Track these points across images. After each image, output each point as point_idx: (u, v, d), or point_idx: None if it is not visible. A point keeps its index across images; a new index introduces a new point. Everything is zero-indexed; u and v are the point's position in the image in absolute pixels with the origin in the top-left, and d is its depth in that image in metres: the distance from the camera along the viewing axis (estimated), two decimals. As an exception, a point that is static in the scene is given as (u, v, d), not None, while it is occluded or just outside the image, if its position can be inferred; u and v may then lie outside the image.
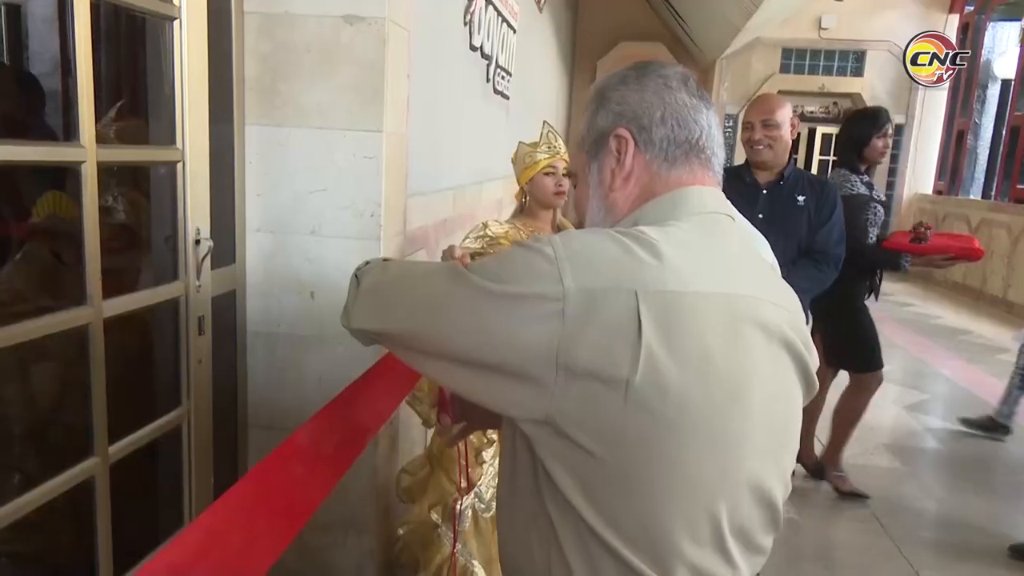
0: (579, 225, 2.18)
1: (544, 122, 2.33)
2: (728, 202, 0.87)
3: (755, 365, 0.76)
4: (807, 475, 3.30)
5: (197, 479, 1.77)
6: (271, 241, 2.02)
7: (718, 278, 0.76)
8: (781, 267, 1.57)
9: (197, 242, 1.68)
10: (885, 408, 4.36)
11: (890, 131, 2.95)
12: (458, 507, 2.02)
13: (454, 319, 0.77)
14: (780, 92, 10.57)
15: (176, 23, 1.57)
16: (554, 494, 0.74)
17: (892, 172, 10.38)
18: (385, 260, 1.02)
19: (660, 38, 10.69)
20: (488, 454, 2.09)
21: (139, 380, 1.75)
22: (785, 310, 0.81)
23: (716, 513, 0.74)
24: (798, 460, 3.28)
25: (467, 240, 2.16)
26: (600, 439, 0.71)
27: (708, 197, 0.85)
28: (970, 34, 9.64)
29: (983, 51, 9.28)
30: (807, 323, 2.50)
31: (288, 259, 2.02)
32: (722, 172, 0.88)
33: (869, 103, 10.27)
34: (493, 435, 2.06)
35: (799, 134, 10.70)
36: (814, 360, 0.84)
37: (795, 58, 10.43)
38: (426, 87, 2.64)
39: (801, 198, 2.48)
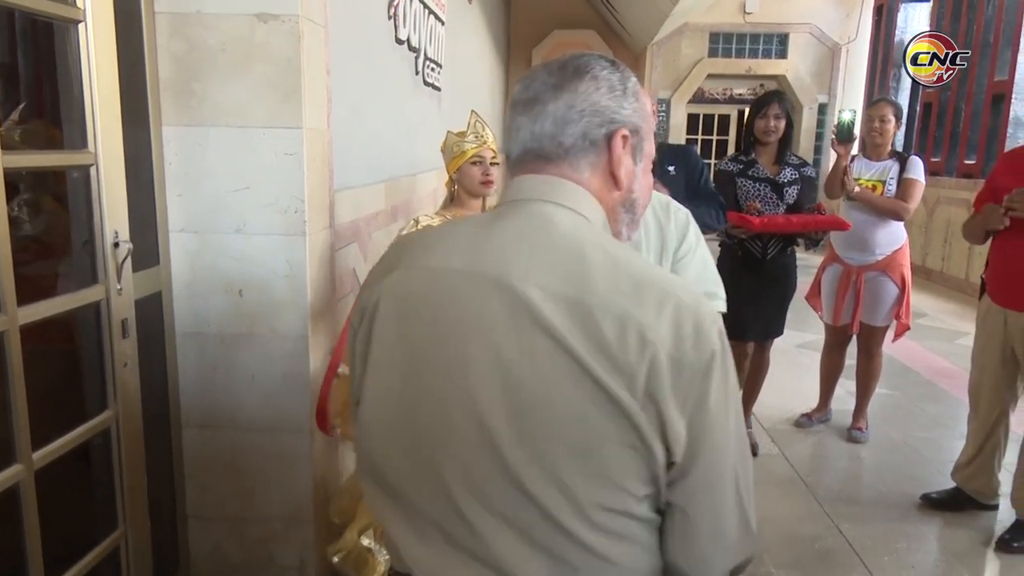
0: None
1: (472, 111, 2.37)
2: (523, 186, 0.88)
3: (483, 337, 0.80)
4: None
5: (129, 481, 1.77)
6: (195, 241, 2.02)
7: (461, 257, 0.85)
8: None
9: (116, 245, 1.68)
10: (813, 375, 4.57)
11: (773, 112, 3.11)
12: None
13: None
14: (709, 75, 10.84)
15: (81, 26, 1.56)
16: None
17: (817, 150, 10.77)
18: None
19: (593, 25, 10.82)
20: None
21: (63, 386, 1.74)
22: (532, 286, 0.79)
23: (443, 472, 0.83)
24: None
25: (402, 234, 2.19)
26: None
27: (525, 184, 0.89)
28: (884, 15, 10.04)
29: (896, 31, 9.68)
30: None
31: (214, 258, 2.03)
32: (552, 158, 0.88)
33: (793, 84, 10.63)
34: None
35: (728, 116, 11.01)
36: (594, 342, 0.77)
37: (722, 42, 10.69)
38: (350, 82, 2.65)
39: (671, 167, 2.77)
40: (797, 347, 5.25)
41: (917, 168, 3.38)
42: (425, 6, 4.02)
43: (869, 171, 3.42)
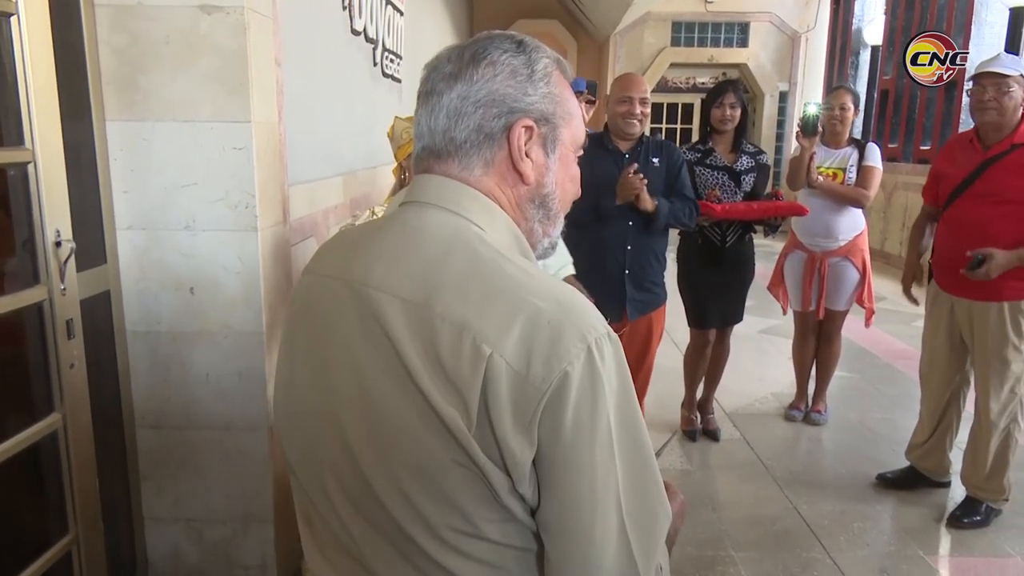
0: None
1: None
2: (416, 186, 0.83)
3: (342, 342, 0.78)
4: (703, 431, 3.49)
5: (80, 484, 1.74)
6: (144, 238, 1.99)
7: (336, 264, 0.83)
8: None
9: (58, 244, 1.64)
10: (777, 360, 4.66)
11: (728, 101, 3.15)
12: None
13: None
14: (672, 64, 10.91)
15: (14, 19, 1.52)
16: None
17: (780, 137, 10.90)
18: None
19: (556, 15, 10.82)
20: None
21: (7, 389, 1.70)
22: (383, 293, 0.76)
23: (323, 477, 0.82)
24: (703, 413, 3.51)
25: (353, 220, 2.16)
26: None
27: (416, 186, 0.84)
28: (841, 4, 10.18)
29: (854, 19, 9.83)
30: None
31: (163, 256, 1.99)
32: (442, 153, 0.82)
33: (755, 72, 10.74)
34: None
35: (692, 104, 11.09)
36: (426, 352, 0.72)
37: (684, 31, 10.75)
38: (303, 74, 2.62)
39: (656, 159, 2.78)
40: (760, 333, 5.33)
41: (875, 155, 3.45)
42: (382, -4, 3.98)
43: (829, 159, 3.47)
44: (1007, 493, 2.70)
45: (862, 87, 9.67)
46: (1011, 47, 6.61)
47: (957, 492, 2.86)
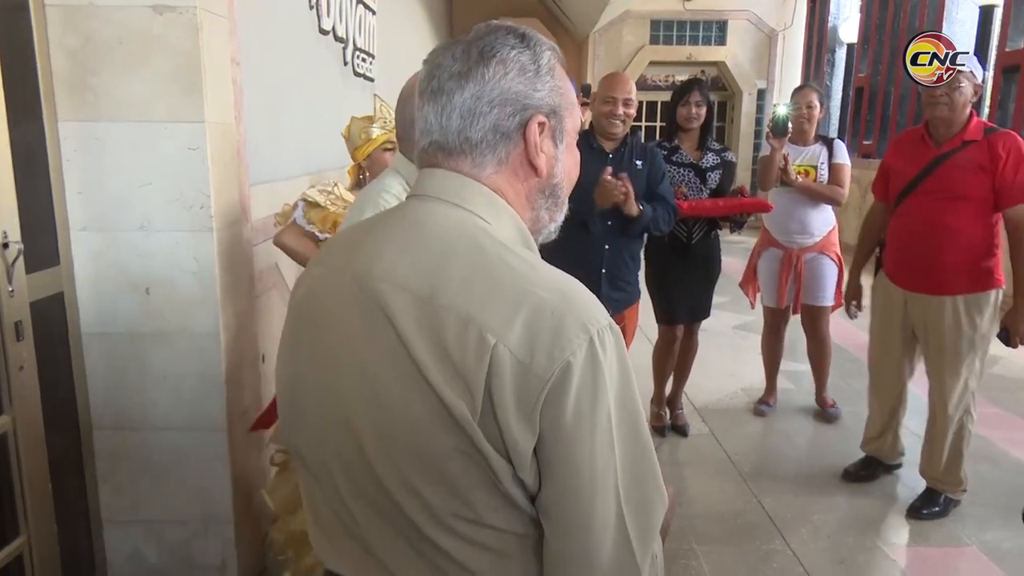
0: None
1: (375, 96, 2.36)
2: (421, 180, 0.84)
3: (347, 333, 0.80)
4: (672, 427, 3.52)
5: (31, 487, 1.73)
6: (99, 239, 1.98)
7: (342, 257, 0.85)
8: None
9: (5, 246, 1.64)
10: (749, 356, 4.69)
11: (694, 99, 3.18)
12: None
13: None
14: (651, 63, 10.95)
15: (-44, 20, 1.51)
16: None
17: (758, 135, 10.97)
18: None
19: (536, 14, 10.83)
20: None
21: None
22: (389, 285, 0.77)
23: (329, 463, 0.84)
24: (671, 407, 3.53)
25: (312, 189, 2.12)
26: None
27: (424, 180, 0.85)
28: (818, 2, 10.27)
29: (830, 17, 9.91)
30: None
31: (118, 256, 1.99)
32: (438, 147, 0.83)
33: (733, 70, 10.81)
34: None
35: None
36: (431, 340, 0.74)
37: (663, 29, 10.80)
38: (266, 74, 2.61)
39: (639, 162, 2.77)
40: (733, 328, 5.37)
41: (843, 152, 3.50)
42: (352, -5, 3.97)
43: (798, 156, 3.50)
44: (964, 484, 2.75)
45: (838, 84, 9.76)
46: (981, 43, 6.70)
47: (918, 483, 2.89)
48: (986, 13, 6.70)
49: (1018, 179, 2.48)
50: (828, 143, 3.51)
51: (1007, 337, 2.59)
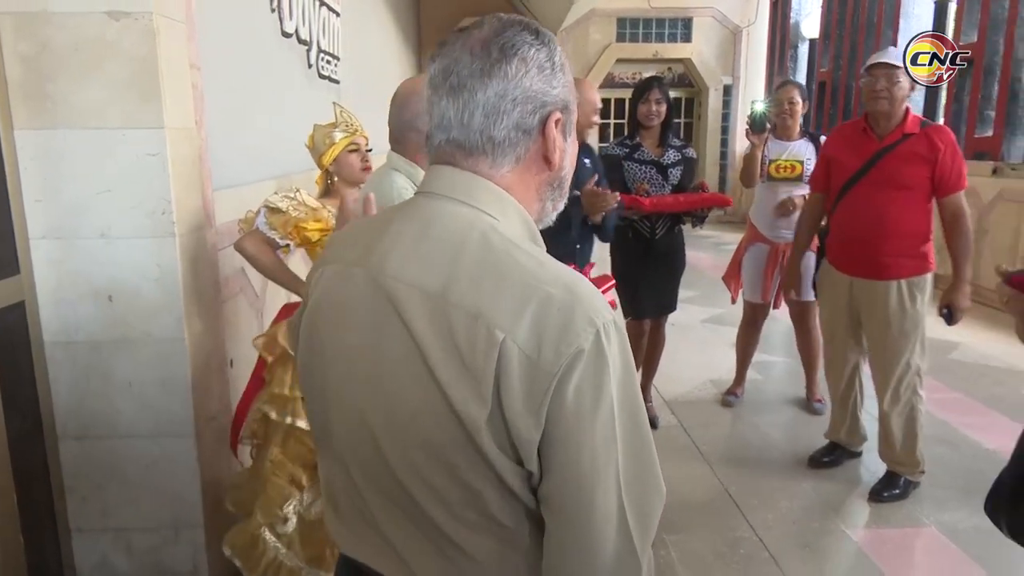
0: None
1: (334, 103, 2.37)
2: (431, 177, 0.86)
3: (362, 330, 0.82)
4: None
5: (-5, 498, 1.72)
6: (59, 247, 1.97)
7: (354, 254, 0.87)
8: None
9: (-38, 256, 1.62)
10: (717, 348, 4.77)
11: (654, 97, 3.24)
12: (283, 510, 2.06)
13: None
14: (618, 60, 11.03)
15: (-96, 29, 1.50)
16: None
17: (725, 130, 11.13)
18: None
19: (503, 11, 10.83)
20: None
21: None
22: (401, 283, 0.79)
23: (341, 453, 0.88)
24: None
25: (275, 195, 2.12)
26: None
27: (438, 178, 0.86)
28: (780, -2, 10.45)
29: (792, 13, 10.08)
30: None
31: (79, 264, 1.98)
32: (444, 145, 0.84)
33: (699, 67, 10.94)
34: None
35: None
36: (437, 332, 0.76)
37: (629, 27, 10.89)
38: (228, 78, 2.61)
39: (587, 160, 2.85)
40: (702, 322, 5.45)
41: None
42: (315, -3, 3.96)
43: (783, 152, 3.57)
44: (922, 465, 2.84)
45: (801, 79, 9.91)
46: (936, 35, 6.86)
47: (880, 467, 2.97)
48: (940, 8, 6.86)
49: (954, 169, 2.65)
50: (813, 138, 3.58)
51: (950, 314, 2.73)
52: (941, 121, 6.93)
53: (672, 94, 11.57)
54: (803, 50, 10.06)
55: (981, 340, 4.85)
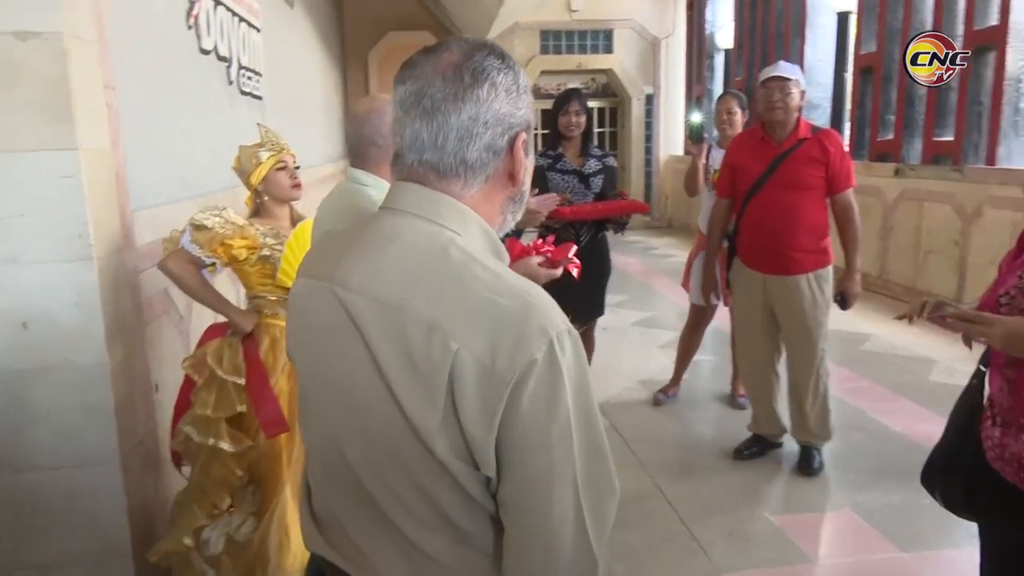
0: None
1: (258, 124, 2.37)
2: (396, 193, 0.90)
3: (327, 343, 0.88)
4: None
5: (-95, 538, 1.65)
6: (-33, 275, 1.90)
7: (323, 268, 0.92)
8: None
9: None
10: (646, 350, 4.91)
11: (573, 109, 3.34)
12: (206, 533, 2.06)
13: None
14: (543, 72, 11.21)
15: None
16: None
17: (648, 139, 11.43)
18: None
19: (427, 27, 10.88)
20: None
21: None
22: (362, 296, 0.84)
23: (313, 463, 0.97)
24: None
25: (200, 213, 2.09)
26: None
27: (405, 195, 0.89)
28: (695, 11, 10.83)
29: (707, 25, 10.47)
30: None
31: (-9, 292, 1.91)
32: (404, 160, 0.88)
33: (621, 77, 11.22)
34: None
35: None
36: (391, 346, 0.81)
37: (552, 39, 11.09)
38: (145, 97, 2.57)
39: None
40: (632, 325, 5.60)
41: None
42: (233, 13, 3.92)
43: None
44: (833, 432, 3.11)
45: (718, 88, 10.29)
46: (839, 46, 7.28)
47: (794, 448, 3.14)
48: (842, 19, 7.26)
49: (843, 169, 2.92)
50: None
51: (843, 300, 3.01)
52: (847, 126, 7.33)
53: (596, 104, 11.83)
54: (719, 60, 10.45)
55: (890, 332, 5.15)
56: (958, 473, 1.43)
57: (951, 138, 5.89)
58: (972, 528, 1.60)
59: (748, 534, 2.64)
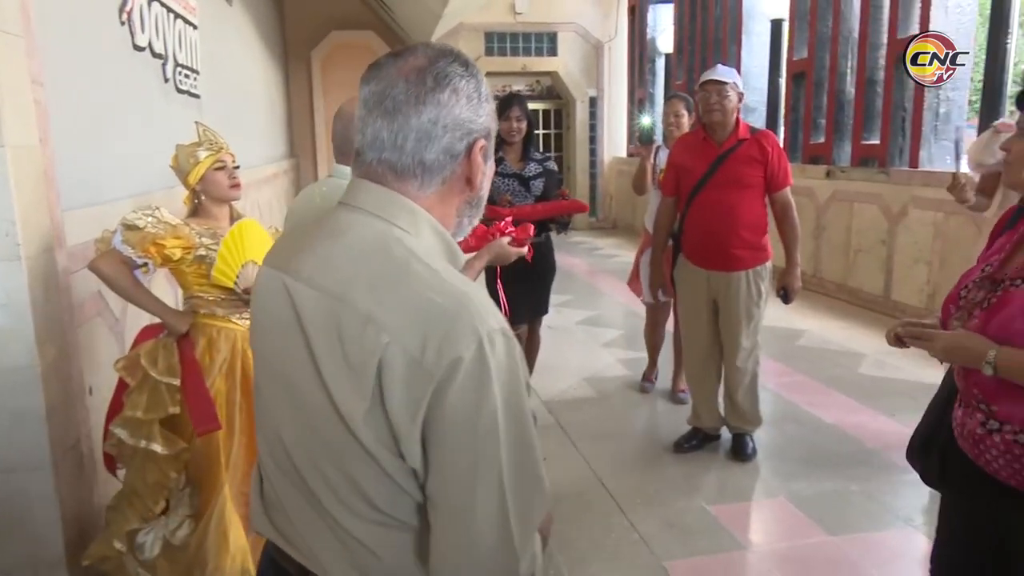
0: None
1: (196, 123, 2.34)
2: (354, 190, 0.92)
3: (274, 331, 0.92)
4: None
5: None
6: None
7: (281, 258, 0.95)
8: None
9: None
10: (591, 348, 4.99)
11: (515, 114, 3.39)
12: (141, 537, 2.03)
13: None
14: (488, 73, 11.24)
15: None
16: None
17: (592, 140, 11.59)
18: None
19: (371, 26, 10.81)
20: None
21: None
22: (308, 287, 0.87)
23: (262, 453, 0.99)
24: None
25: (132, 213, 2.05)
26: None
27: (363, 192, 0.92)
28: (636, 15, 11.03)
29: (648, 30, 10.67)
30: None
31: (-90, 294, 1.84)
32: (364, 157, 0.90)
33: (565, 79, 11.34)
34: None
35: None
36: (332, 339, 0.83)
37: (497, 41, 11.13)
38: (77, 93, 2.50)
39: None
40: (577, 324, 5.67)
41: None
42: (169, 9, 3.83)
43: None
44: (763, 419, 3.27)
45: (660, 91, 10.52)
46: (773, 52, 7.53)
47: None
48: (776, 26, 7.52)
49: (781, 168, 3.05)
50: None
51: (786, 295, 3.14)
52: (782, 129, 7.58)
53: (541, 106, 11.91)
54: (660, 64, 10.66)
55: (823, 327, 5.35)
56: (934, 451, 1.53)
57: (878, 141, 6.15)
58: (897, 512, 1.69)
59: (687, 525, 2.72)
